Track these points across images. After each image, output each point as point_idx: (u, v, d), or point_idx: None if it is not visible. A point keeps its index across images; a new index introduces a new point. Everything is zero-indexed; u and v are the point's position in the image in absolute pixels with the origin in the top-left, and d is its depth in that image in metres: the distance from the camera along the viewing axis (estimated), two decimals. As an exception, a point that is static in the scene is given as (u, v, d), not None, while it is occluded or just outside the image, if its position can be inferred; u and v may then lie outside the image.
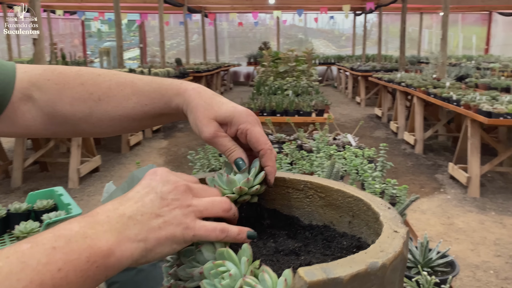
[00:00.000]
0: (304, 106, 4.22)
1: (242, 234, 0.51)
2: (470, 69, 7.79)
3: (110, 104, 0.64)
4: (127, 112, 0.64)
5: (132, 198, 0.50)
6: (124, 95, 0.64)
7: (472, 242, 3.40)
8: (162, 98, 0.63)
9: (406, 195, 1.52)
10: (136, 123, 0.66)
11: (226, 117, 0.60)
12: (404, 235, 0.46)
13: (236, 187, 0.57)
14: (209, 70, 11.03)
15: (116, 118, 0.64)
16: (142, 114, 0.64)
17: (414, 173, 5.12)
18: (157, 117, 0.66)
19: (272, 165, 0.60)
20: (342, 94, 12.40)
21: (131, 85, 0.64)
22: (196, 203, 0.51)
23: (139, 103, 0.64)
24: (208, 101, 0.61)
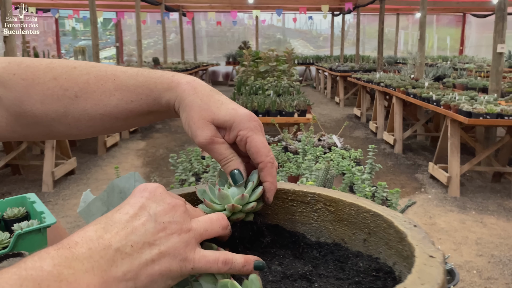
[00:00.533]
0: (286, 106, 4.17)
1: (249, 265, 0.43)
2: (447, 70, 7.90)
3: (89, 102, 0.55)
4: (109, 110, 0.55)
5: (120, 221, 0.40)
6: (105, 90, 0.55)
7: (454, 242, 3.41)
8: (150, 93, 0.54)
9: (398, 199, 1.47)
10: (120, 123, 0.57)
11: (225, 121, 0.52)
12: (441, 260, 0.39)
13: (228, 204, 0.50)
14: (187, 70, 10.88)
15: (97, 118, 0.56)
16: (127, 112, 0.55)
17: (394, 173, 5.14)
18: (144, 115, 0.57)
19: (272, 181, 0.53)
20: (321, 94, 12.44)
21: (113, 78, 0.55)
22: (195, 226, 0.43)
23: (123, 100, 0.55)
24: (205, 99, 0.52)
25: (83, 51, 12.16)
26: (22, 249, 1.43)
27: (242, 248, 0.53)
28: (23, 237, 1.42)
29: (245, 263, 0.42)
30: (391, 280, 0.47)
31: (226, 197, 0.50)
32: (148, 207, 0.41)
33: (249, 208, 0.51)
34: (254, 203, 0.51)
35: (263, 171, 0.52)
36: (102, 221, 0.40)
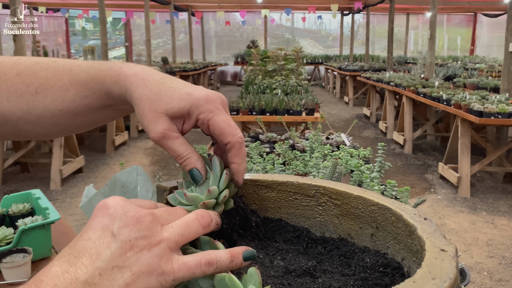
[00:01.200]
0: (294, 105, 4.14)
1: (236, 259, 0.39)
2: (457, 69, 7.81)
3: (48, 98, 0.53)
4: (68, 106, 0.53)
5: (84, 250, 0.37)
6: (61, 85, 0.53)
7: (464, 243, 3.35)
8: (101, 87, 0.52)
9: (408, 197, 1.44)
10: (81, 119, 0.55)
11: (180, 108, 0.47)
12: (453, 254, 0.36)
13: (200, 204, 0.47)
14: (196, 70, 10.90)
15: (57, 114, 0.53)
16: (84, 107, 0.53)
17: (404, 173, 5.08)
18: (102, 110, 0.54)
19: (240, 162, 0.48)
20: (330, 94, 12.37)
21: (68, 73, 0.53)
22: (167, 235, 0.39)
23: (78, 95, 0.53)
24: (154, 89, 0.48)
25: (93, 51, 12.23)
26: (26, 245, 1.43)
27: (237, 236, 0.51)
28: (27, 233, 1.41)
29: (232, 258, 0.39)
30: (399, 276, 0.45)
31: (196, 198, 0.47)
32: (111, 226, 0.38)
33: (223, 198, 0.48)
34: (226, 191, 0.48)
35: (231, 152, 0.48)
36: (66, 253, 0.37)
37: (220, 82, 15.26)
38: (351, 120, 8.31)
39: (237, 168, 0.49)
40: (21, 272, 1.33)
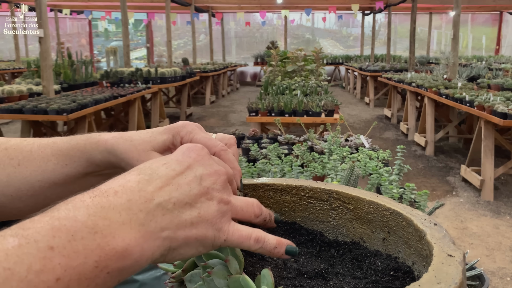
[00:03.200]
0: (313, 106, 4.13)
1: (280, 247, 0.41)
2: (482, 70, 7.65)
3: (29, 169, 0.54)
4: (47, 176, 0.54)
5: (165, 176, 0.39)
6: (43, 156, 0.55)
7: (487, 248, 3.29)
8: (82, 155, 0.53)
9: (426, 201, 1.43)
10: (60, 189, 0.55)
11: (164, 141, 0.51)
12: (461, 260, 0.37)
13: None
14: (215, 70, 10.97)
15: (36, 185, 0.54)
16: (64, 176, 0.54)
17: (425, 175, 5.01)
18: (82, 178, 0.55)
19: (233, 166, 0.50)
20: (351, 95, 12.28)
21: (51, 145, 0.56)
22: (234, 200, 0.42)
23: (58, 164, 0.54)
24: (135, 137, 0.51)
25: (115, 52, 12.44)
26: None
27: None
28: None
29: (277, 245, 0.41)
30: (410, 280, 0.46)
31: None
32: (195, 168, 0.41)
33: None
34: None
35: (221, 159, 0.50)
36: (146, 172, 0.39)
37: (240, 82, 15.32)
38: (371, 121, 8.24)
39: None
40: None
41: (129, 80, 7.09)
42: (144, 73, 7.25)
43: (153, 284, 0.88)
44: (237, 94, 12.96)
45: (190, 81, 8.82)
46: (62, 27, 14.78)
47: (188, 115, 8.72)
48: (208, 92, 10.57)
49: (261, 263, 0.50)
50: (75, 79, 6.77)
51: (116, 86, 6.83)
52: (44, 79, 5.11)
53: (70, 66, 6.88)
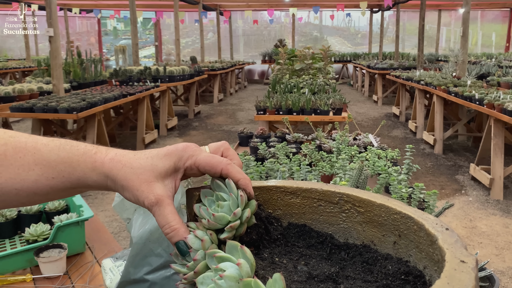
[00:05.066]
0: (321, 104, 4.12)
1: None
2: (491, 67, 7.58)
3: (4, 176, 0.49)
4: (27, 186, 0.50)
5: None
6: (23, 164, 0.50)
7: (496, 247, 3.26)
8: (73, 171, 0.51)
9: (435, 201, 1.42)
10: (39, 197, 0.52)
11: (166, 169, 0.50)
12: (473, 266, 0.37)
13: (227, 227, 0.49)
14: (223, 68, 10.98)
15: (12, 193, 0.50)
16: (47, 188, 0.51)
17: (434, 174, 4.98)
18: (68, 190, 0.53)
19: (243, 177, 0.51)
20: (359, 93, 12.23)
21: (33, 151, 0.51)
22: None
23: (43, 176, 0.50)
24: (135, 165, 0.50)
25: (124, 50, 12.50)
26: (61, 241, 1.49)
27: (266, 242, 0.54)
28: (63, 229, 1.48)
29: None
30: (421, 284, 0.46)
31: (223, 218, 0.50)
32: None
33: (246, 218, 0.50)
34: (248, 211, 0.50)
35: (229, 174, 0.51)
36: None
37: (248, 80, 15.32)
38: (379, 119, 8.20)
39: (243, 182, 0.51)
40: (57, 266, 1.39)
41: (138, 78, 7.12)
42: (153, 71, 7.28)
43: (163, 283, 0.88)
44: (245, 92, 12.96)
45: (198, 80, 8.83)
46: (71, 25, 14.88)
47: (196, 113, 8.74)
48: (216, 90, 10.59)
49: (271, 266, 0.50)
50: (84, 78, 6.81)
51: (125, 84, 6.87)
52: (54, 78, 5.15)
53: (80, 64, 6.93)
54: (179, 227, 0.49)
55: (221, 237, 0.50)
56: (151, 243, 0.87)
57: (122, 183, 0.50)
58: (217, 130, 7.36)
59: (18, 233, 1.65)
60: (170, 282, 0.89)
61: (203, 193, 0.54)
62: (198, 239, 0.49)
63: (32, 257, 1.41)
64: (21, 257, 1.43)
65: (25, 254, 1.43)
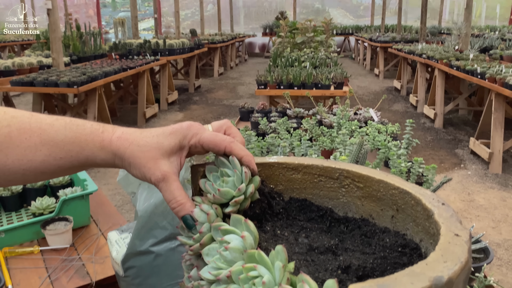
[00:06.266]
0: (322, 78, 4.10)
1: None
2: (494, 40, 7.49)
3: (11, 157, 0.50)
4: (35, 166, 0.51)
5: None
6: (30, 145, 0.50)
7: (493, 220, 3.32)
8: (81, 151, 0.51)
9: (434, 175, 1.44)
10: (46, 176, 0.53)
11: (171, 147, 0.52)
12: (467, 239, 0.39)
13: (232, 201, 0.52)
14: (224, 41, 10.85)
15: (19, 173, 0.51)
16: (55, 167, 0.52)
17: (433, 148, 5.00)
18: (75, 169, 0.54)
19: (246, 154, 0.53)
20: (360, 66, 12.13)
21: (38, 132, 0.51)
22: None
23: (51, 156, 0.51)
24: (141, 143, 0.51)
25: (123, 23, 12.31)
26: (66, 214, 1.52)
27: (267, 217, 0.56)
28: (68, 202, 1.51)
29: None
30: (417, 257, 0.48)
31: (227, 193, 0.52)
32: None
33: (249, 194, 0.52)
34: (252, 186, 0.52)
35: (233, 151, 0.53)
36: None
37: (248, 54, 15.17)
38: (381, 93, 8.16)
39: (247, 159, 0.53)
40: (64, 238, 1.43)
41: (138, 52, 7.06)
42: (153, 44, 7.21)
43: (168, 255, 0.91)
44: (245, 65, 12.85)
45: (198, 53, 8.75)
46: (68, -3, 14.60)
47: (196, 87, 8.70)
48: (216, 64, 10.50)
49: (274, 239, 0.52)
50: (84, 51, 6.75)
51: (125, 58, 6.82)
52: (53, 52, 5.11)
53: (79, 38, 6.85)
54: (185, 202, 0.51)
55: (225, 211, 0.52)
56: (156, 216, 0.89)
57: (129, 160, 0.51)
58: (217, 105, 7.35)
59: (24, 206, 1.68)
60: (175, 254, 0.92)
61: (208, 169, 0.56)
62: (203, 212, 0.51)
63: (38, 230, 1.45)
64: (28, 230, 1.47)
65: (32, 227, 1.47)
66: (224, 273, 0.43)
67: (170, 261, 0.91)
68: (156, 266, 0.91)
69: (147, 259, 0.91)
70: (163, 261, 0.91)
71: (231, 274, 0.42)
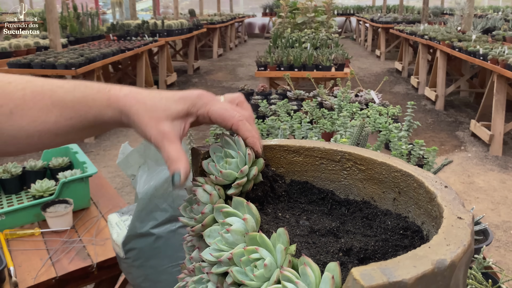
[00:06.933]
0: (323, 60, 4.07)
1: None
2: (497, 21, 7.41)
3: (25, 119, 0.52)
4: (48, 127, 0.52)
5: None
6: (42, 107, 0.52)
7: (492, 202, 3.33)
8: (89, 110, 0.52)
9: (435, 157, 1.44)
10: (60, 138, 0.54)
11: (178, 112, 0.51)
12: (470, 222, 0.39)
13: (235, 184, 0.51)
14: (223, 22, 10.73)
15: (35, 135, 0.52)
16: (67, 128, 0.53)
17: (434, 130, 4.99)
18: (87, 130, 0.55)
19: (252, 135, 0.52)
20: (361, 47, 12.02)
21: (50, 94, 0.52)
22: None
23: (62, 116, 0.52)
24: (149, 103, 0.51)
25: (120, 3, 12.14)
26: (66, 197, 1.52)
27: (271, 199, 0.55)
28: (67, 185, 1.51)
29: None
30: (419, 239, 0.47)
31: (230, 175, 0.51)
32: None
33: (252, 176, 0.52)
34: (255, 169, 0.52)
35: (239, 131, 0.52)
36: None
37: (248, 34, 15.01)
38: (382, 74, 8.11)
39: (252, 140, 0.52)
40: (64, 221, 1.44)
41: (136, 33, 6.98)
42: (151, 25, 7.12)
43: (169, 237, 0.92)
44: (245, 46, 12.74)
45: (197, 34, 8.66)
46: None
47: (195, 69, 8.64)
48: (215, 45, 10.40)
49: (275, 221, 0.52)
50: (81, 32, 6.68)
51: (123, 39, 6.74)
52: (50, 33, 5.05)
53: (76, 18, 6.77)
54: (179, 160, 0.50)
55: (228, 193, 0.52)
56: (156, 198, 0.89)
57: (134, 118, 0.51)
58: (217, 87, 7.31)
59: (24, 189, 1.68)
60: (175, 236, 0.92)
61: (212, 150, 0.55)
62: (206, 193, 0.51)
63: (39, 212, 1.45)
64: (29, 212, 1.47)
65: (32, 209, 1.47)
66: (225, 255, 0.43)
67: (170, 243, 0.91)
68: (157, 248, 0.92)
69: (147, 241, 0.91)
70: (164, 243, 0.91)
71: (232, 256, 0.42)
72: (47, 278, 1.22)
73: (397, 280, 0.30)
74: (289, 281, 0.37)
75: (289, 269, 0.38)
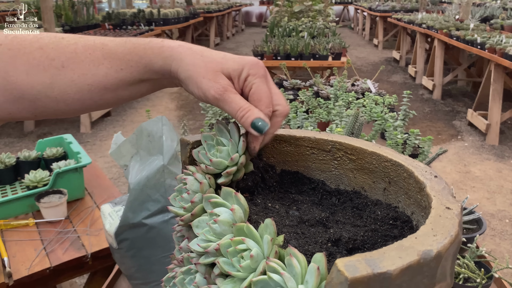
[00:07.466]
0: (320, 49, 4.04)
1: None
2: (496, 10, 7.37)
3: (77, 72, 0.51)
4: (99, 80, 0.52)
5: None
6: (93, 59, 0.52)
7: (488, 191, 3.35)
8: (140, 60, 0.51)
9: (430, 146, 1.43)
10: (109, 94, 0.53)
11: (234, 69, 0.49)
12: (458, 212, 0.38)
13: (224, 173, 0.50)
14: (220, 10, 10.65)
15: (85, 89, 0.52)
16: (117, 81, 0.52)
17: (431, 119, 4.99)
18: (135, 84, 0.53)
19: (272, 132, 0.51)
20: (359, 36, 11.96)
21: (101, 47, 0.52)
22: None
23: (112, 68, 0.52)
24: (206, 53, 0.50)
25: (116, -8, 12.01)
26: (60, 187, 1.52)
27: (261, 189, 0.55)
28: (62, 175, 1.50)
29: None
30: (408, 229, 0.47)
31: (220, 163, 0.51)
32: None
33: (240, 164, 0.51)
34: (243, 157, 0.51)
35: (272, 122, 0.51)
36: None
37: (245, 23, 14.91)
38: (379, 64, 8.08)
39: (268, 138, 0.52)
40: (58, 211, 1.43)
41: (132, 22, 6.92)
42: (147, 14, 7.06)
43: (161, 227, 0.91)
44: (242, 35, 12.66)
45: (194, 23, 8.59)
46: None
47: (192, 58, 8.58)
48: (212, 34, 10.33)
49: (264, 212, 0.51)
50: (77, 21, 6.61)
51: (118, 28, 6.69)
52: (45, 22, 5.00)
53: (71, 7, 6.70)
54: (252, 108, 0.49)
55: (218, 182, 0.51)
56: (148, 189, 0.89)
57: (188, 68, 0.49)
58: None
59: (18, 179, 1.68)
60: (168, 226, 0.92)
61: (204, 138, 0.54)
62: (197, 181, 0.50)
63: (33, 202, 1.45)
64: (23, 202, 1.47)
65: (26, 200, 1.47)
66: (212, 246, 0.43)
67: (163, 234, 0.91)
68: (149, 238, 0.91)
69: (140, 231, 0.91)
70: (156, 233, 0.91)
71: (219, 247, 0.42)
72: (41, 268, 1.22)
73: (382, 271, 0.30)
74: (274, 272, 0.36)
75: (275, 260, 0.37)
